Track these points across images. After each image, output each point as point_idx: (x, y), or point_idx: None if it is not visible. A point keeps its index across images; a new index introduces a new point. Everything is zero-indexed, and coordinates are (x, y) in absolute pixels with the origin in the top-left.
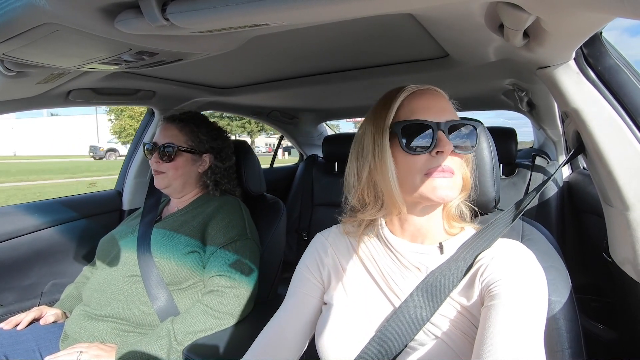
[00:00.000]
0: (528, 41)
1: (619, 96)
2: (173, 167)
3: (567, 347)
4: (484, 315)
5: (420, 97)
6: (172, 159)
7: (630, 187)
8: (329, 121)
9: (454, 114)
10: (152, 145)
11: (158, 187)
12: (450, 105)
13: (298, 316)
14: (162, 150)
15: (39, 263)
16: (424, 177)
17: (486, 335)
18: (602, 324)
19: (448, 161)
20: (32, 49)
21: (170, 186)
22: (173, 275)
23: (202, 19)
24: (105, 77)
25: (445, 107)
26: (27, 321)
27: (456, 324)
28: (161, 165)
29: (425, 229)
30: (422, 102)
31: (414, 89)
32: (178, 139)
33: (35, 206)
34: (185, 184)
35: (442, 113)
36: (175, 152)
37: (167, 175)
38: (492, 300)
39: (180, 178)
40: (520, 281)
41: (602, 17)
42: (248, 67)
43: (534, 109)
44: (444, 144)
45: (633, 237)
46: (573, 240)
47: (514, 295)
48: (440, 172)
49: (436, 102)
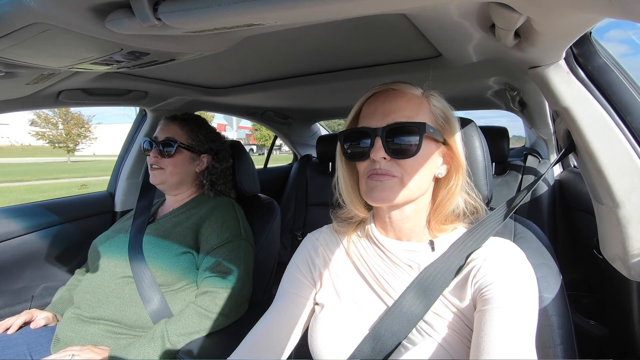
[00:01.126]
0: (519, 41)
1: (608, 95)
2: (172, 163)
3: (559, 343)
4: (479, 319)
5: (374, 101)
6: (172, 154)
7: (619, 184)
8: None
9: (408, 114)
10: (152, 140)
11: (153, 182)
12: (408, 103)
13: (288, 316)
14: (162, 144)
15: (29, 266)
16: (367, 180)
17: (482, 340)
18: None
19: (387, 164)
20: (21, 49)
21: (165, 182)
22: (166, 277)
23: (194, 18)
24: (96, 78)
25: (393, 109)
26: (18, 325)
27: (449, 322)
28: (160, 160)
29: (409, 228)
30: (371, 107)
31: (373, 92)
32: (179, 136)
33: (25, 209)
34: (181, 182)
35: (387, 116)
36: (175, 148)
37: (165, 171)
38: (485, 305)
39: (177, 175)
40: (514, 285)
41: (592, 17)
42: (241, 67)
43: (525, 108)
44: (375, 151)
45: (623, 234)
46: (564, 237)
47: (508, 300)
48: (375, 176)
49: (384, 105)
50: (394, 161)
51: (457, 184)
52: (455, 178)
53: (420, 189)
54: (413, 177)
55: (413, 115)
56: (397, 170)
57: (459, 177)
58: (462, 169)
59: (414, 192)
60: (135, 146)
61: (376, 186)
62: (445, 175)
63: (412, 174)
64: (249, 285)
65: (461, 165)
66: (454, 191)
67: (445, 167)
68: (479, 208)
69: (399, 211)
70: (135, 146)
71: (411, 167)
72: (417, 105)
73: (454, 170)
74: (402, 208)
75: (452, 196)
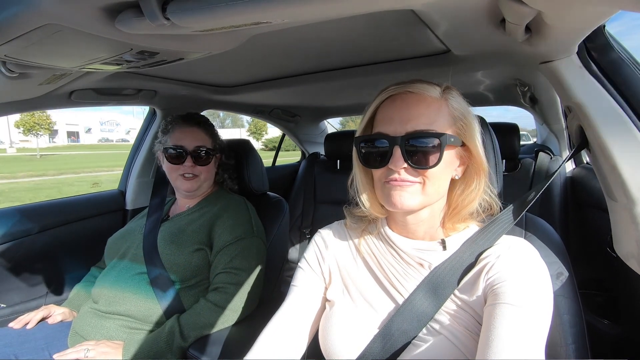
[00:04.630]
0: (530, 35)
1: (622, 90)
2: (207, 170)
3: (571, 342)
4: (489, 314)
5: (390, 104)
6: (207, 161)
7: (633, 181)
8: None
9: (427, 121)
10: (179, 149)
11: (190, 191)
12: (427, 108)
13: (301, 311)
14: (195, 154)
15: (43, 263)
16: (384, 184)
17: (491, 337)
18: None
19: (406, 173)
20: (34, 50)
21: (200, 187)
22: (180, 273)
23: (202, 17)
24: (106, 78)
25: (412, 115)
26: (37, 320)
27: (459, 320)
28: (195, 168)
29: (423, 228)
30: (388, 112)
31: (388, 94)
32: (207, 142)
33: (38, 207)
34: (209, 184)
35: (407, 124)
36: (211, 155)
37: (200, 178)
38: (496, 300)
39: (210, 179)
40: (527, 283)
41: (605, 10)
42: (249, 65)
43: (536, 104)
44: (395, 161)
45: (637, 232)
46: (576, 235)
47: (521, 299)
48: (394, 182)
49: (402, 111)
50: (414, 169)
51: (480, 187)
52: (478, 180)
53: (439, 194)
54: (433, 184)
55: (432, 122)
56: (416, 177)
57: (481, 179)
58: (485, 171)
59: (433, 197)
60: (145, 145)
61: (395, 192)
62: (463, 177)
63: (433, 181)
64: (260, 282)
65: (483, 168)
66: (477, 194)
67: (461, 168)
68: (494, 205)
69: (415, 215)
70: (146, 145)
71: (431, 174)
72: (437, 110)
73: (474, 172)
74: (419, 212)
75: (475, 198)
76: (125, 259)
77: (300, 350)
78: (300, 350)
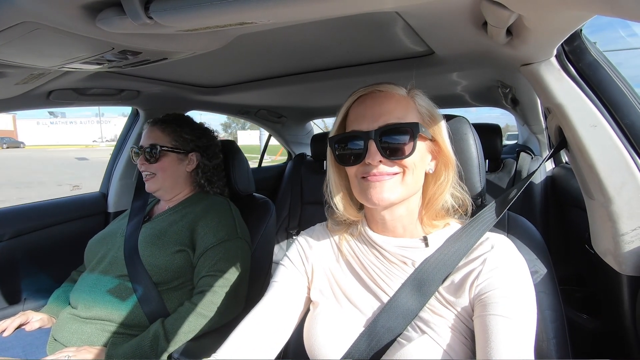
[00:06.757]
0: (511, 38)
1: (598, 92)
2: (160, 168)
3: (552, 337)
4: (482, 326)
5: (361, 103)
6: (158, 159)
7: (610, 180)
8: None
9: (398, 115)
10: (138, 149)
11: (150, 191)
12: (397, 104)
13: (280, 307)
14: (147, 152)
15: (22, 268)
16: (362, 180)
17: (490, 352)
18: (585, 313)
19: (383, 166)
20: (10, 48)
21: (161, 188)
22: (161, 275)
23: (186, 17)
24: (87, 77)
25: (383, 111)
26: (13, 327)
27: (444, 319)
28: (148, 167)
29: (401, 224)
30: (360, 110)
31: (358, 95)
32: (162, 140)
33: (17, 210)
34: (175, 185)
35: (379, 118)
36: (159, 152)
37: (157, 177)
38: (487, 310)
39: (169, 178)
40: (516, 293)
41: (582, 14)
42: (234, 65)
43: (517, 105)
44: (371, 156)
45: (613, 229)
46: (556, 232)
47: (513, 310)
48: (372, 177)
49: (373, 108)
50: (390, 161)
51: (448, 179)
52: (446, 173)
53: (417, 184)
54: (411, 173)
55: (403, 116)
56: (394, 169)
57: (449, 172)
58: (452, 164)
59: (412, 188)
60: (127, 147)
61: (373, 188)
62: (434, 171)
63: (411, 169)
64: (245, 284)
65: (450, 161)
66: (445, 186)
67: (434, 163)
68: (466, 201)
69: (391, 211)
70: (128, 146)
71: (408, 163)
72: (405, 106)
73: (443, 166)
74: (394, 208)
75: (444, 191)
76: (105, 261)
77: (277, 346)
78: (277, 346)
